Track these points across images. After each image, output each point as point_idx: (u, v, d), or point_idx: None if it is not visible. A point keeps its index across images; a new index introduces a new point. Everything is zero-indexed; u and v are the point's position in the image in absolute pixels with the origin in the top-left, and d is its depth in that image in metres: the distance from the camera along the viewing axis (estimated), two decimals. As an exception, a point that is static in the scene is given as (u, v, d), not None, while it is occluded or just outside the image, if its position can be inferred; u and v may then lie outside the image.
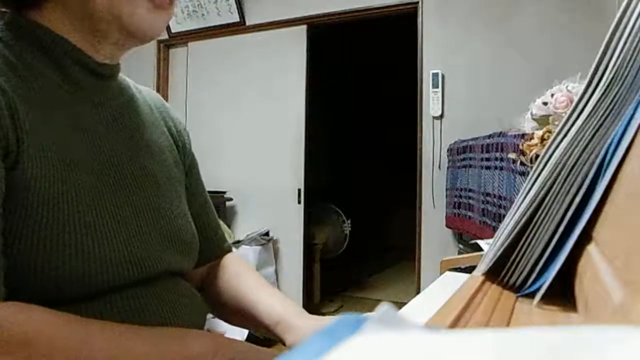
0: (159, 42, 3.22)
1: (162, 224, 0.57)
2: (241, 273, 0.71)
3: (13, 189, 0.43)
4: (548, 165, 0.37)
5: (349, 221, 3.55)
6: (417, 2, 2.57)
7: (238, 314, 0.66)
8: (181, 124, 0.74)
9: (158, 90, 3.23)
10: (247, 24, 3.00)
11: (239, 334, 2.38)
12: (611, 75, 0.35)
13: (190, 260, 0.63)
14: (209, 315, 0.67)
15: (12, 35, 0.49)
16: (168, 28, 3.13)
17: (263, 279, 0.72)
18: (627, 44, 0.34)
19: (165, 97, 3.26)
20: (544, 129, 1.07)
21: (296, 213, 2.88)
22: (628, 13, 0.34)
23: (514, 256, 0.38)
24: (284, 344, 0.58)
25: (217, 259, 0.73)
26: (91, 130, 0.52)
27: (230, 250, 0.76)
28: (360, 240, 4.06)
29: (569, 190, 0.35)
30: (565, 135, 0.37)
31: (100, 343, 0.41)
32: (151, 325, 0.50)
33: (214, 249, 0.73)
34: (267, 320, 0.61)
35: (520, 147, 1.15)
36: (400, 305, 0.57)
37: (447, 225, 2.38)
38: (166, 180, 0.61)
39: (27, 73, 0.48)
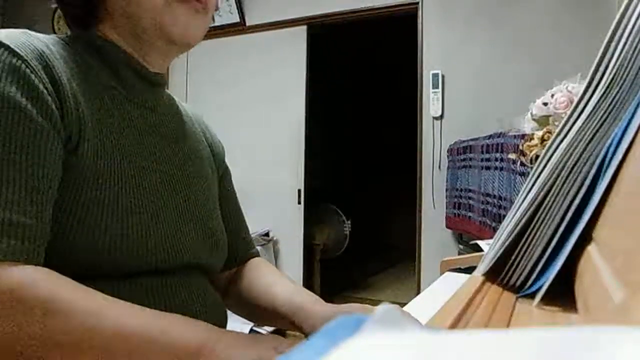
0: (159, 42, 3.21)
1: (197, 222, 0.62)
2: (265, 273, 0.74)
3: (70, 169, 0.49)
4: (548, 165, 0.37)
5: (349, 221, 3.54)
6: (417, 2, 2.57)
7: (259, 310, 0.69)
8: (217, 138, 0.82)
9: (158, 91, 3.23)
10: (247, 24, 3.00)
11: (240, 329, 2.39)
12: (611, 76, 0.35)
13: (219, 260, 0.67)
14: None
15: (77, 44, 0.57)
16: (168, 28, 3.13)
17: (284, 275, 0.75)
18: (627, 44, 0.34)
19: (165, 97, 3.26)
20: (544, 130, 1.07)
21: (296, 213, 2.88)
22: (628, 13, 0.34)
23: (514, 256, 0.38)
24: (303, 333, 0.60)
25: (244, 262, 0.77)
26: (141, 130, 0.58)
27: (257, 255, 0.80)
28: (360, 240, 4.06)
29: (569, 191, 0.35)
30: (565, 136, 0.37)
31: (114, 317, 0.43)
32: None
33: (243, 252, 0.77)
34: (286, 310, 0.63)
35: (520, 147, 1.15)
36: (400, 305, 0.57)
37: (447, 226, 2.38)
38: (203, 185, 0.67)
39: (90, 76, 0.55)
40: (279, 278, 0.72)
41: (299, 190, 2.87)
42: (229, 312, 0.73)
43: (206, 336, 0.46)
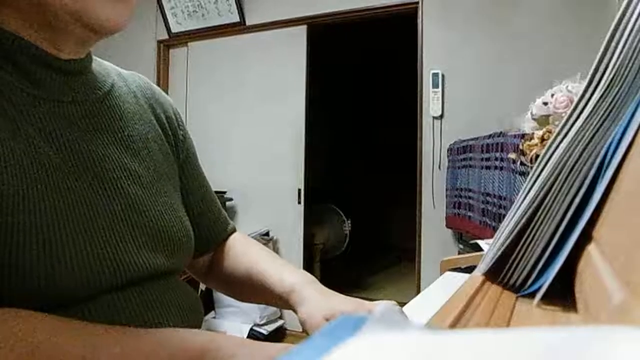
0: (159, 42, 3.22)
1: (146, 224, 0.54)
2: (248, 248, 0.70)
3: None
4: (548, 165, 0.37)
5: (349, 221, 3.55)
6: (417, 2, 2.57)
7: (250, 287, 0.65)
8: (171, 109, 0.69)
9: (158, 90, 3.23)
10: (247, 24, 3.00)
11: (239, 333, 2.39)
12: (611, 75, 0.35)
13: (181, 258, 0.60)
14: (210, 316, 0.66)
15: None
16: (168, 28, 3.13)
17: (271, 251, 0.71)
18: (627, 44, 0.34)
19: (165, 97, 3.26)
20: (544, 129, 1.07)
21: (296, 213, 2.88)
22: (628, 13, 0.34)
23: (514, 256, 0.38)
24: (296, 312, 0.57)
25: (221, 244, 0.73)
26: (61, 132, 0.49)
27: (234, 231, 0.76)
28: (360, 240, 4.06)
29: (569, 190, 0.35)
30: (565, 136, 0.37)
31: (105, 344, 0.41)
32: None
33: (216, 235, 0.72)
34: (279, 289, 0.60)
35: (520, 147, 1.15)
36: (400, 305, 0.57)
37: (447, 226, 2.38)
38: (152, 177, 0.58)
39: None
40: (267, 254, 0.68)
41: (299, 190, 2.87)
42: (228, 314, 0.72)
43: (208, 343, 0.45)
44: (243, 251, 0.70)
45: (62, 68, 0.51)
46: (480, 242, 1.07)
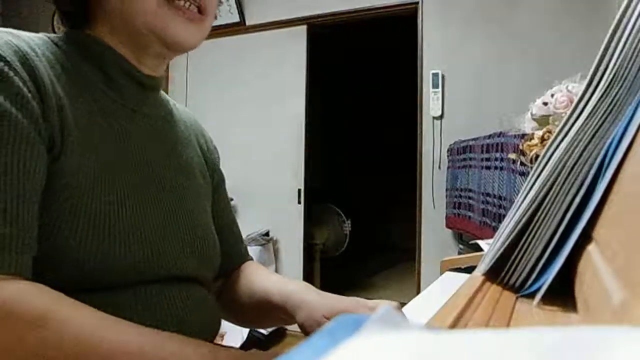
0: (159, 42, 3.22)
1: (184, 233, 0.59)
2: (254, 271, 0.74)
3: (52, 179, 0.46)
4: (548, 165, 0.37)
5: (349, 221, 3.54)
6: (417, 2, 2.57)
7: (254, 309, 0.67)
8: (212, 143, 0.79)
9: (158, 91, 3.23)
10: (247, 24, 3.00)
11: (239, 334, 2.38)
12: (611, 76, 0.35)
13: (209, 269, 0.65)
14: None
15: (67, 44, 0.55)
16: (168, 28, 3.13)
17: (277, 274, 0.74)
18: (627, 44, 0.34)
19: (165, 97, 3.26)
20: (544, 129, 1.07)
21: (296, 213, 2.88)
22: (628, 13, 0.34)
23: (514, 256, 0.38)
24: (297, 323, 0.58)
25: (234, 271, 0.76)
26: (130, 138, 0.56)
27: (249, 259, 0.79)
28: (360, 240, 4.06)
29: (569, 190, 0.35)
30: (565, 136, 0.37)
31: (110, 335, 0.42)
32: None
33: (236, 260, 0.76)
34: (277, 298, 0.62)
35: (521, 147, 1.15)
36: (400, 305, 0.57)
37: (447, 226, 2.38)
38: (193, 194, 0.64)
39: (78, 78, 0.53)
40: (270, 273, 0.72)
41: (299, 190, 2.87)
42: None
43: (205, 353, 0.46)
44: (249, 275, 0.73)
45: (142, 81, 0.59)
46: (480, 242, 1.07)
